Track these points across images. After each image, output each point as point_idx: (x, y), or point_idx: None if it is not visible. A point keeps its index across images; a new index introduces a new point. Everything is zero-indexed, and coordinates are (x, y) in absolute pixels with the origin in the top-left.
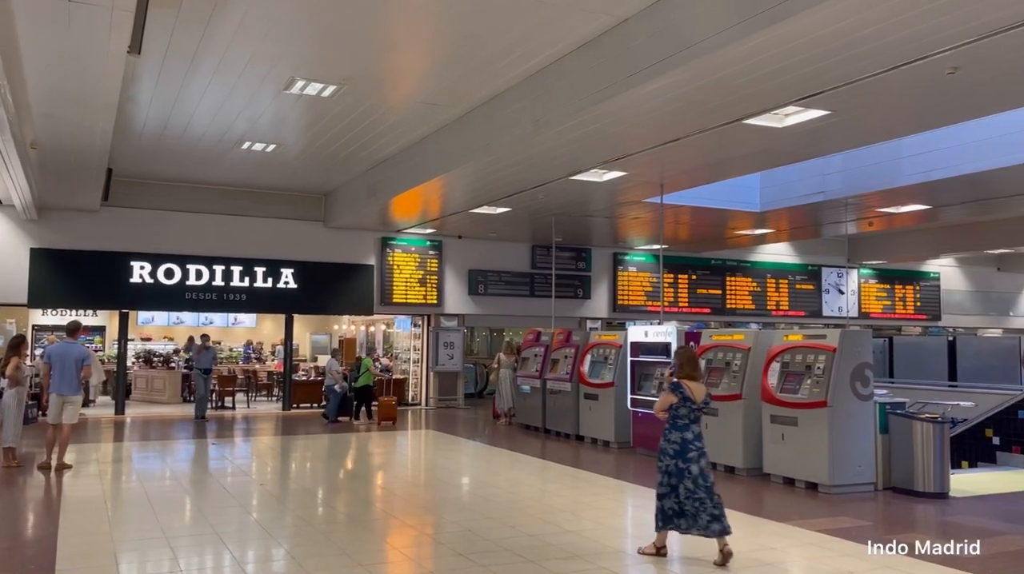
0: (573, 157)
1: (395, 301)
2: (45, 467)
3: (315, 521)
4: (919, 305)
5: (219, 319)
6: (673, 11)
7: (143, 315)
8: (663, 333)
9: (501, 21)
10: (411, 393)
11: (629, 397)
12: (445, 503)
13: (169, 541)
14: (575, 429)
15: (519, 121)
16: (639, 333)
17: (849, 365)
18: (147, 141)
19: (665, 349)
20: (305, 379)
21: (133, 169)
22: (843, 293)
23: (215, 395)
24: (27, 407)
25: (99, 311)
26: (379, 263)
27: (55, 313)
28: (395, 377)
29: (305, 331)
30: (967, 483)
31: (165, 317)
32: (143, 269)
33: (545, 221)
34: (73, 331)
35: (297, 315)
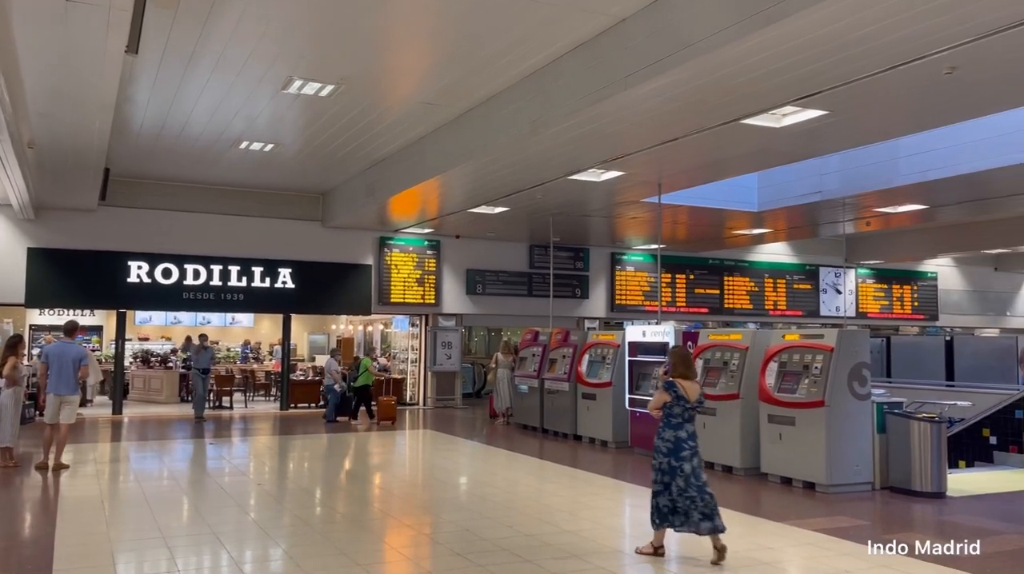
0: (571, 157)
1: (393, 301)
2: (42, 467)
3: (313, 521)
4: (916, 305)
5: (217, 319)
6: (671, 11)
7: (141, 315)
8: (661, 333)
9: (499, 21)
10: (409, 393)
11: (627, 397)
12: (443, 503)
13: (167, 541)
14: (573, 429)
15: (517, 121)
16: (637, 333)
17: (847, 365)
18: (145, 141)
19: (663, 349)
20: (303, 379)
21: (131, 169)
22: (841, 293)
23: (212, 395)
24: (24, 407)
25: (96, 311)
26: (377, 263)
27: (52, 313)
28: (395, 377)
29: (303, 331)
30: (964, 483)
31: (163, 317)
32: (140, 269)
33: (543, 221)
34: (71, 331)
35: (295, 315)
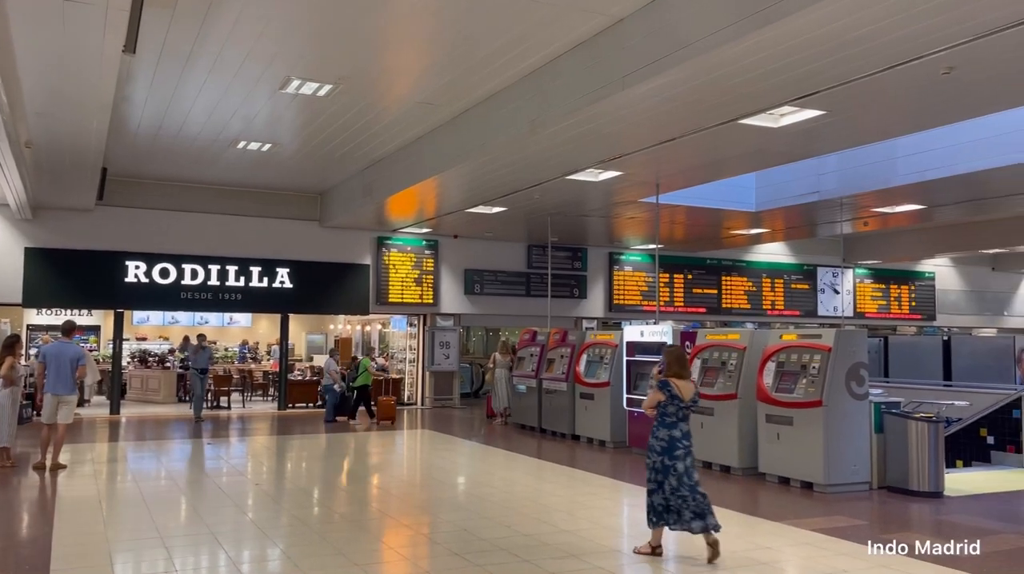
0: (569, 157)
1: (391, 301)
2: (40, 467)
3: (311, 521)
4: (914, 305)
5: (215, 319)
6: (668, 11)
7: (138, 315)
8: (659, 333)
9: (497, 21)
10: (407, 393)
11: (625, 397)
12: (441, 503)
13: (164, 541)
14: (571, 429)
15: (515, 121)
16: (635, 333)
17: (844, 365)
18: (142, 140)
19: (661, 349)
20: (301, 379)
21: (128, 168)
22: (838, 293)
23: (210, 395)
24: (22, 407)
25: (94, 311)
26: (375, 263)
27: (50, 313)
28: (393, 377)
29: (301, 331)
30: (962, 482)
31: (160, 317)
32: (138, 269)
33: (541, 221)
34: (68, 331)
35: (293, 315)
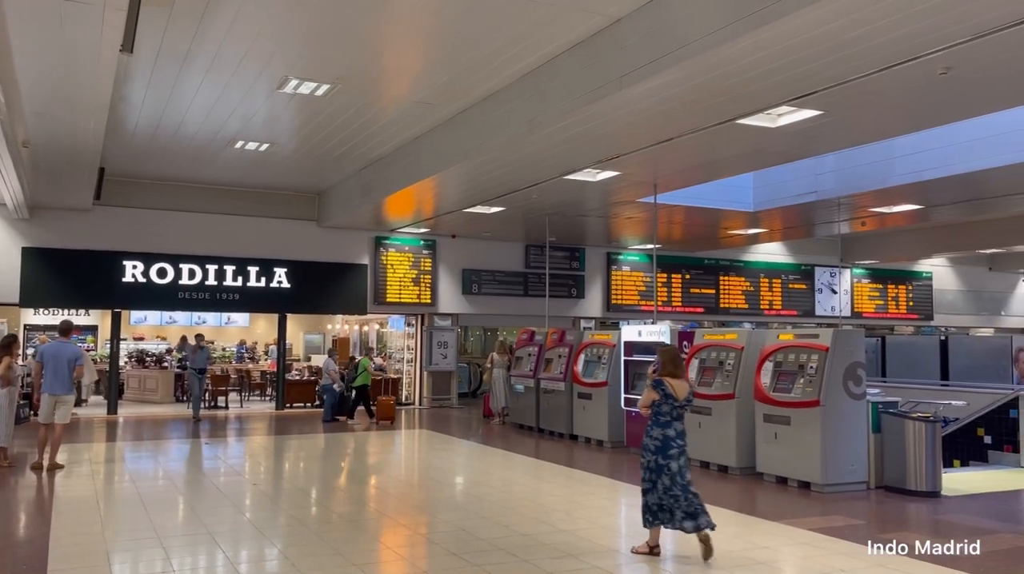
0: (566, 157)
1: (389, 300)
2: (37, 467)
3: (309, 521)
4: (911, 305)
5: (212, 319)
6: (666, 11)
7: (136, 315)
8: (657, 332)
9: (495, 21)
10: (405, 393)
11: (623, 396)
12: (439, 502)
13: (162, 541)
14: (569, 428)
15: (512, 121)
16: (633, 332)
17: (842, 364)
18: (140, 140)
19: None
20: (298, 379)
21: (126, 168)
22: (836, 293)
23: (208, 395)
24: (19, 407)
25: (91, 311)
26: (373, 262)
27: (47, 313)
28: (391, 377)
29: (298, 331)
30: (959, 482)
31: (158, 317)
32: (136, 268)
33: (539, 221)
34: (66, 331)
35: (290, 315)
